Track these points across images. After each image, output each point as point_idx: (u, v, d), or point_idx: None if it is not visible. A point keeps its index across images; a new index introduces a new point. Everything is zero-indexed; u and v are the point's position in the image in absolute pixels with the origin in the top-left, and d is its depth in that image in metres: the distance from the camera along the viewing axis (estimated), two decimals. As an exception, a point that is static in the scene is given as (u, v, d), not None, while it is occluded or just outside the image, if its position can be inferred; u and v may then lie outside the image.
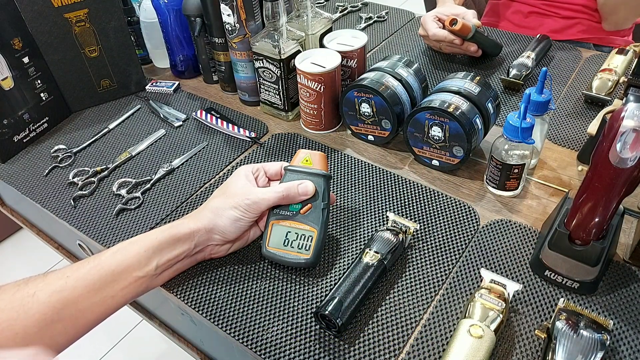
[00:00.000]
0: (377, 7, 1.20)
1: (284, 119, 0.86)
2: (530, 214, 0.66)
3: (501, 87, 0.90)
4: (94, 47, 0.87)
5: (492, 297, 0.52)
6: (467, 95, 0.69)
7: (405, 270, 0.60)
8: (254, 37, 0.79)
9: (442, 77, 0.94)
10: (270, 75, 0.80)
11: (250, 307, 0.57)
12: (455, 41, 0.92)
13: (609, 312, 0.54)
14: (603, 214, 0.52)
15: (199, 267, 0.61)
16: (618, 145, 0.46)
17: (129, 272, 0.52)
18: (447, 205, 0.68)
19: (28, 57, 0.80)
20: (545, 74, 0.65)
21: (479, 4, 1.41)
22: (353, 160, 0.76)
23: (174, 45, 0.95)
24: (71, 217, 0.71)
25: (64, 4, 0.80)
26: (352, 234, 0.65)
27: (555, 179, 0.71)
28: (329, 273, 0.60)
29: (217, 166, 0.77)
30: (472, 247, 0.62)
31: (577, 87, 0.89)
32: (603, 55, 0.96)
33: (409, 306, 0.56)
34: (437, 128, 0.69)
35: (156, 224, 0.69)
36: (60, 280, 0.49)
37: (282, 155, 0.79)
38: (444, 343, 0.52)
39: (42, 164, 0.80)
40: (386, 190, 0.71)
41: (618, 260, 0.59)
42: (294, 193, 0.58)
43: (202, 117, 0.86)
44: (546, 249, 0.56)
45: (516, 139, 0.62)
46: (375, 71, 0.76)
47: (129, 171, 0.78)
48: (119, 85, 0.93)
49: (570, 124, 0.81)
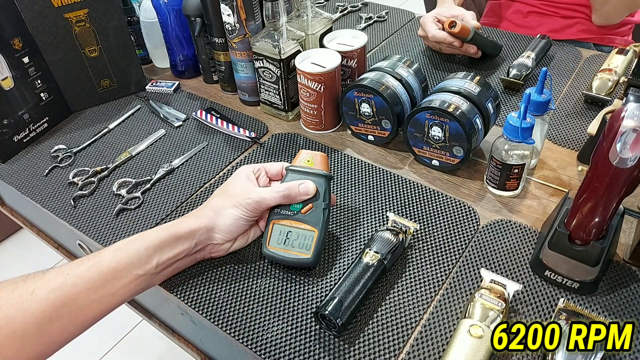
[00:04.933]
0: (377, 7, 1.20)
1: (284, 119, 0.86)
2: (530, 214, 0.66)
3: (501, 87, 0.90)
4: (94, 47, 0.87)
5: (492, 297, 0.52)
6: (467, 95, 0.69)
7: (405, 270, 0.60)
8: (254, 37, 0.79)
9: (442, 77, 0.94)
10: (270, 75, 0.80)
11: (250, 306, 0.57)
12: (455, 43, 0.92)
13: (609, 312, 0.54)
14: (603, 214, 0.52)
15: (199, 267, 0.61)
16: (618, 145, 0.46)
17: (129, 270, 0.52)
18: (447, 205, 0.68)
19: (28, 57, 0.80)
20: (545, 74, 0.65)
21: (479, 4, 1.41)
22: (353, 160, 0.76)
23: (174, 45, 0.95)
24: (71, 217, 0.71)
25: (64, 4, 0.80)
26: (352, 234, 0.65)
27: (555, 179, 0.71)
28: (329, 273, 0.60)
29: (217, 166, 0.77)
30: (472, 247, 0.62)
31: (577, 87, 0.89)
32: (603, 55, 0.96)
33: (409, 306, 0.56)
34: (437, 128, 0.69)
35: (156, 224, 0.68)
36: (60, 277, 0.49)
37: (282, 155, 0.79)
38: (444, 343, 0.52)
39: (42, 164, 0.80)
40: (386, 190, 0.71)
41: (618, 260, 0.59)
42: (294, 193, 0.58)
43: (202, 117, 0.86)
44: (546, 249, 0.56)
45: (516, 139, 0.62)
46: (375, 71, 0.76)
47: (129, 171, 0.78)
48: (119, 85, 0.93)
49: (570, 124, 0.81)
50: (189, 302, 0.58)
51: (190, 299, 0.58)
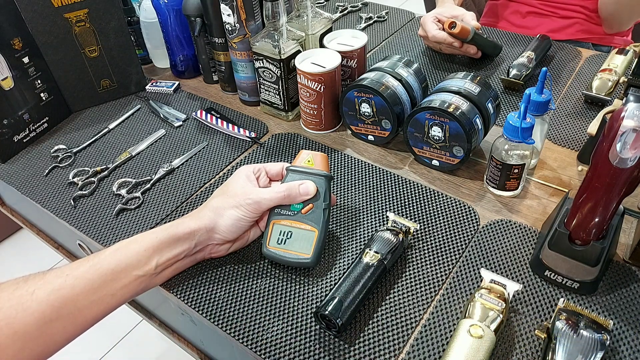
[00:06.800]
0: (377, 7, 1.20)
1: (284, 119, 0.86)
2: (530, 214, 0.66)
3: (501, 87, 0.90)
4: (94, 47, 0.87)
5: (492, 297, 0.52)
6: (467, 95, 0.69)
7: (405, 270, 0.60)
8: (254, 37, 0.79)
9: (442, 77, 0.94)
10: (270, 75, 0.80)
11: (250, 306, 0.57)
12: (455, 44, 0.92)
13: (609, 312, 0.54)
14: (603, 214, 0.52)
15: (199, 267, 0.61)
16: (618, 145, 0.46)
17: (129, 271, 0.52)
18: (447, 205, 0.68)
19: (28, 57, 0.80)
20: (545, 74, 0.65)
21: (479, 4, 1.41)
22: (353, 160, 0.76)
23: (174, 45, 0.95)
24: (71, 217, 0.71)
25: (64, 4, 0.80)
26: (352, 234, 0.65)
27: (555, 179, 0.71)
28: (329, 273, 0.60)
29: (217, 166, 0.77)
30: (472, 247, 0.62)
31: (577, 87, 0.89)
32: (603, 55, 0.96)
33: (409, 306, 0.56)
34: (437, 128, 0.69)
35: (156, 224, 0.68)
36: (60, 278, 0.49)
37: (282, 155, 0.79)
38: (444, 343, 0.52)
39: (42, 164, 0.80)
40: (386, 190, 0.71)
41: (618, 260, 0.60)
42: (295, 193, 0.58)
43: (202, 117, 0.86)
44: (546, 249, 0.56)
45: (516, 139, 0.62)
46: (375, 71, 0.76)
47: (129, 171, 0.78)
48: (119, 85, 0.93)
49: (570, 124, 0.81)
50: (189, 302, 0.58)
51: (190, 299, 0.58)
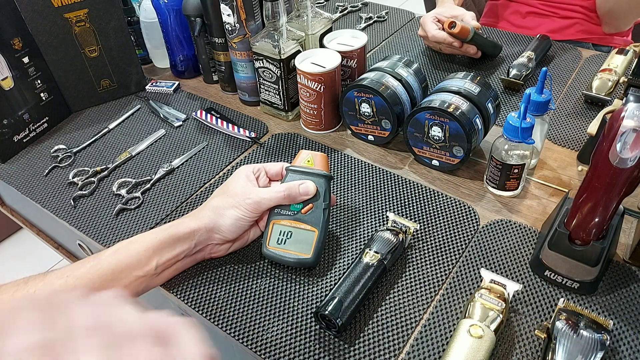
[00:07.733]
0: (377, 7, 1.20)
1: (284, 119, 0.86)
2: (530, 214, 0.66)
3: (501, 87, 0.90)
4: (94, 47, 0.87)
5: (492, 297, 0.52)
6: (467, 95, 0.69)
7: (405, 270, 0.60)
8: (254, 37, 0.79)
9: (442, 77, 0.94)
10: (270, 75, 0.80)
11: (250, 306, 0.57)
12: (454, 44, 0.92)
13: (609, 312, 0.54)
14: (603, 214, 0.52)
15: (199, 267, 0.61)
16: (618, 145, 0.46)
17: (129, 272, 0.52)
18: (447, 205, 0.68)
19: (28, 57, 0.80)
20: (545, 74, 0.65)
21: (479, 4, 1.41)
22: (353, 160, 0.76)
23: (174, 45, 0.95)
24: (71, 217, 0.71)
25: (64, 4, 0.80)
26: (352, 234, 0.65)
27: (555, 179, 0.71)
28: (329, 273, 0.60)
29: (217, 166, 0.77)
30: (472, 247, 0.62)
31: (577, 87, 0.89)
32: (603, 55, 0.96)
33: (409, 306, 0.56)
34: (437, 128, 0.69)
35: (156, 224, 0.68)
36: (60, 279, 0.49)
37: (282, 155, 0.79)
38: (444, 343, 0.52)
39: (42, 164, 0.80)
40: (386, 190, 0.71)
41: (618, 260, 0.60)
42: (295, 193, 0.58)
43: (202, 117, 0.86)
44: (546, 249, 0.56)
45: (516, 139, 0.62)
46: (375, 71, 0.76)
47: (129, 171, 0.78)
48: (119, 85, 0.93)
49: (570, 124, 0.81)
50: (189, 302, 0.58)
51: (190, 299, 0.58)
